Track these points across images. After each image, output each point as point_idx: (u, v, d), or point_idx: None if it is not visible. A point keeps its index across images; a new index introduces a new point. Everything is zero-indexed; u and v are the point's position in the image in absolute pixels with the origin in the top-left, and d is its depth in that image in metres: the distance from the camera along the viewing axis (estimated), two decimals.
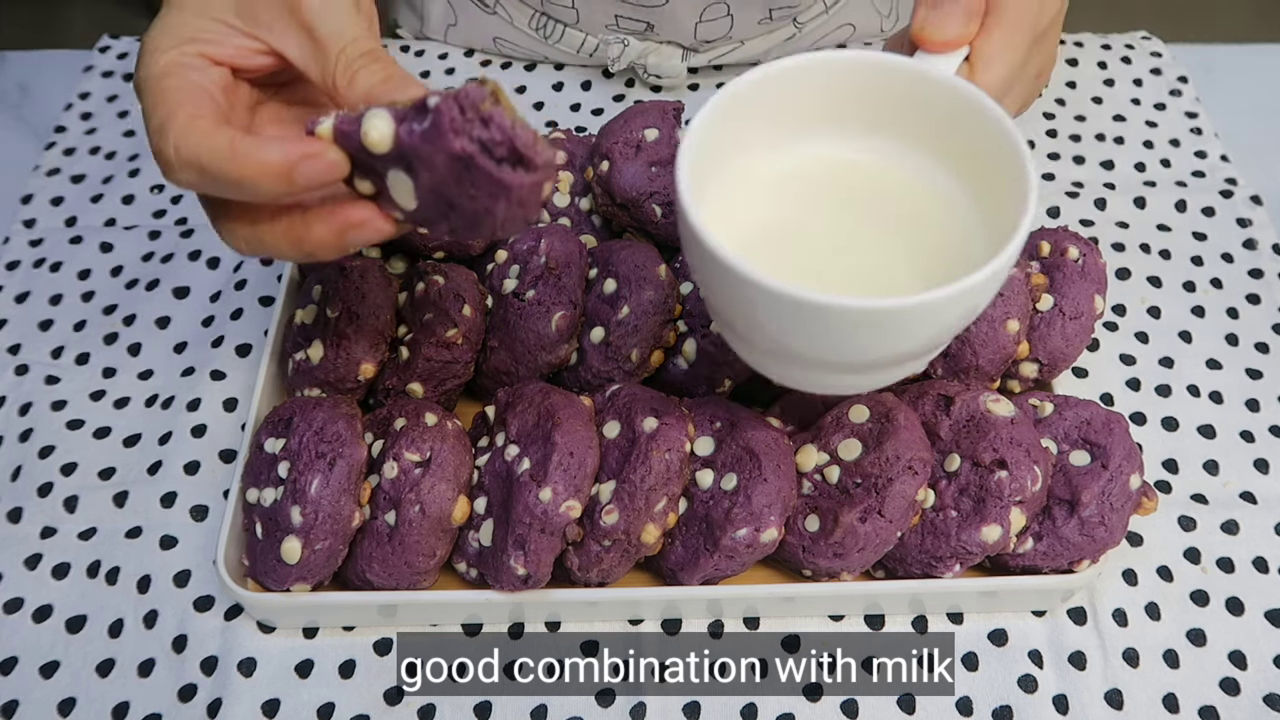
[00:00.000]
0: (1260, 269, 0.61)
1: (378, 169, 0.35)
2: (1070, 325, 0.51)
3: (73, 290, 0.61)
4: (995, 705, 0.46)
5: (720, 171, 0.41)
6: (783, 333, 0.37)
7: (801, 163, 0.43)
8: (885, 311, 0.35)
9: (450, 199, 0.35)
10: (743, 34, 0.68)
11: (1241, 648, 0.48)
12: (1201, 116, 0.69)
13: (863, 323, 0.35)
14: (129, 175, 0.67)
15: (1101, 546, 0.45)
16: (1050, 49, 0.46)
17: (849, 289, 0.35)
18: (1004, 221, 0.37)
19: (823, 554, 0.45)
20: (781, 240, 0.41)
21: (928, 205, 0.42)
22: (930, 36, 0.42)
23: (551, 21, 0.68)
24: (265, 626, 0.48)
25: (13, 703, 0.46)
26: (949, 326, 0.38)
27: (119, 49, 0.74)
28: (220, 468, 0.53)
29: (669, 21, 0.66)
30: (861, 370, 0.39)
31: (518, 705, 0.46)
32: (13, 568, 0.50)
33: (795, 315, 0.35)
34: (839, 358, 0.37)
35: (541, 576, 0.44)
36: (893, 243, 0.41)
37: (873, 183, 0.43)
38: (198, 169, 0.36)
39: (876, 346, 0.37)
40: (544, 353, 0.51)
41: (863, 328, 0.35)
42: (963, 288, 0.35)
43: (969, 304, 0.37)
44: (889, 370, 0.40)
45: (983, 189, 0.41)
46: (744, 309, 0.37)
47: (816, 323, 0.35)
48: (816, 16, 0.69)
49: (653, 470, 0.44)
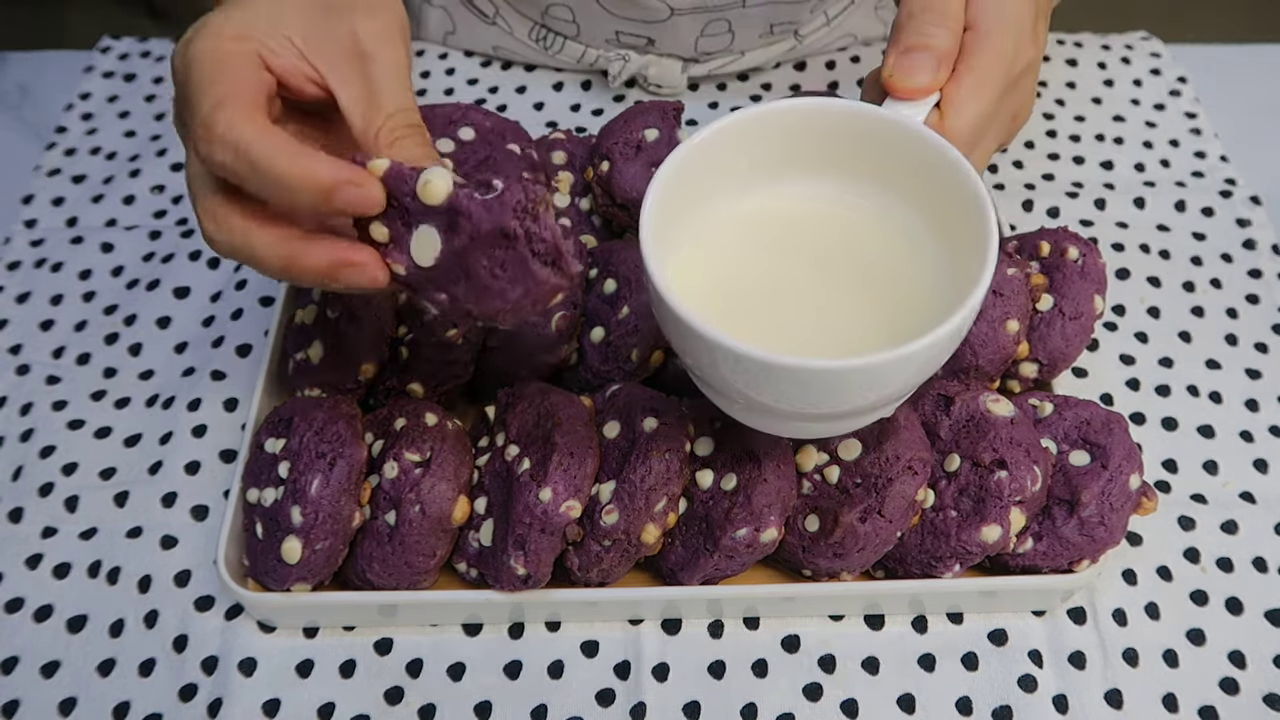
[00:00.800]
0: (1259, 269, 0.61)
1: (409, 219, 0.36)
2: (1070, 325, 0.51)
3: (73, 290, 0.61)
4: (995, 705, 0.46)
5: (688, 220, 0.41)
6: (752, 389, 0.37)
7: (769, 210, 0.43)
8: (848, 370, 0.35)
9: (470, 269, 0.36)
10: (743, 46, 0.68)
11: (1241, 647, 0.48)
12: (1201, 116, 0.69)
13: (827, 381, 0.36)
14: (130, 175, 0.67)
15: (1101, 546, 0.45)
16: (1026, 91, 0.46)
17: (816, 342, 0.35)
18: (969, 269, 0.37)
19: (823, 554, 0.45)
20: (748, 292, 0.41)
21: (896, 252, 0.42)
22: (899, 84, 0.42)
23: (551, 34, 0.68)
24: (265, 626, 0.48)
25: (14, 702, 0.46)
26: (914, 378, 0.38)
27: (119, 49, 0.74)
28: (220, 468, 0.53)
29: (670, 36, 0.66)
30: (833, 419, 0.40)
31: (518, 705, 0.46)
32: (14, 568, 0.50)
33: (762, 375, 0.36)
34: (809, 410, 0.38)
35: (541, 576, 0.44)
36: (860, 294, 0.41)
37: (841, 230, 0.43)
38: (240, 152, 0.36)
39: (843, 400, 0.37)
40: (544, 353, 0.51)
41: (828, 385, 0.36)
42: (925, 344, 0.35)
43: (931, 357, 0.37)
44: (862, 416, 0.40)
45: (948, 236, 0.41)
46: (712, 369, 0.37)
47: (782, 381, 0.36)
48: (818, 29, 0.69)
49: (653, 470, 0.44)
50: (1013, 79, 0.44)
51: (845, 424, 0.41)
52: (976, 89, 0.42)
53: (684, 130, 0.57)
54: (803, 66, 0.72)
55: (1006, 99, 0.44)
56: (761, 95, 0.70)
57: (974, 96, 0.42)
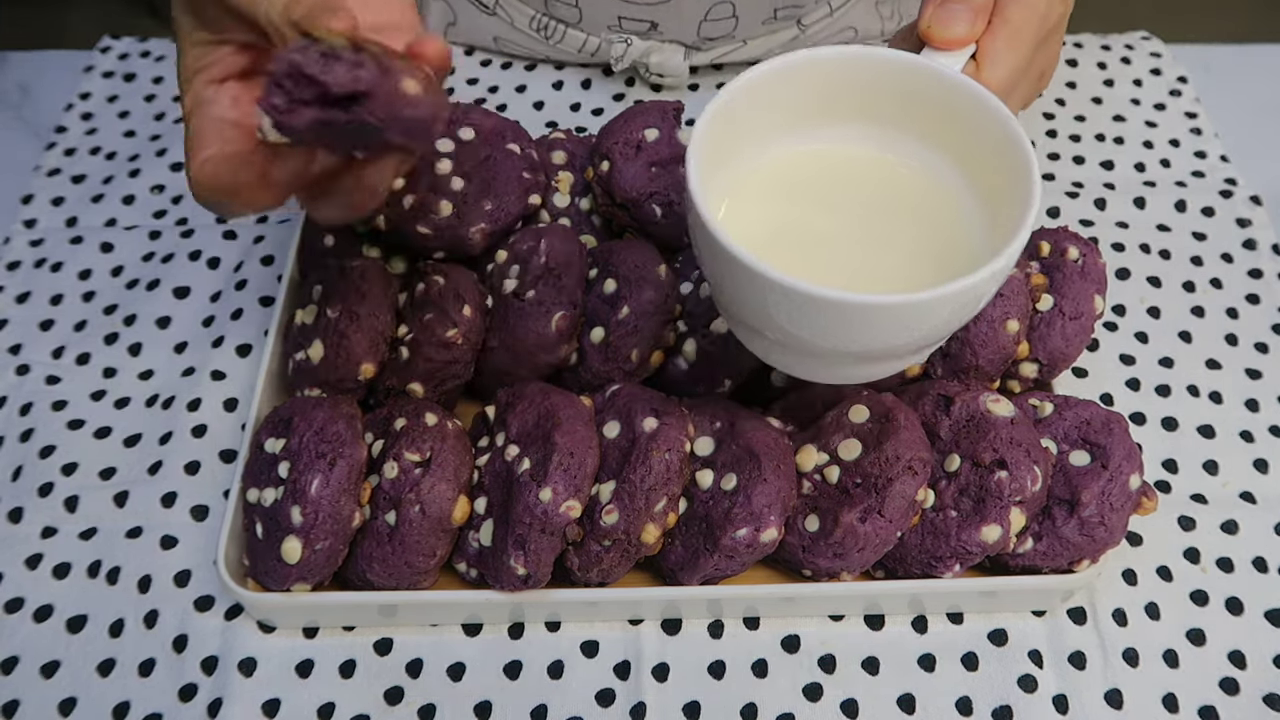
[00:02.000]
0: (1260, 269, 0.61)
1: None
2: (1070, 325, 0.51)
3: (73, 290, 0.61)
4: (995, 705, 0.46)
5: (726, 168, 0.42)
6: (793, 325, 0.37)
7: (807, 158, 0.43)
8: (892, 306, 0.35)
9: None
10: (746, 33, 0.68)
11: (1241, 648, 0.48)
12: (1201, 116, 0.69)
13: (870, 316, 0.36)
14: (129, 175, 0.67)
15: (1101, 546, 0.45)
16: (1054, 50, 0.47)
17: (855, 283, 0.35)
18: (1007, 218, 0.38)
19: (823, 554, 0.45)
20: (789, 236, 0.41)
21: (933, 200, 0.42)
22: (937, 34, 0.42)
23: (553, 22, 0.68)
24: (265, 626, 0.48)
25: (13, 702, 0.46)
26: (949, 322, 0.38)
27: (119, 49, 0.74)
28: (220, 468, 0.53)
29: (674, 19, 0.66)
30: (868, 361, 0.40)
31: (518, 705, 0.46)
32: (13, 568, 0.50)
33: (805, 309, 0.36)
34: (847, 348, 0.38)
35: (541, 576, 0.44)
36: (899, 239, 0.41)
37: (878, 178, 0.43)
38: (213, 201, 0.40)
39: (881, 337, 0.37)
40: (544, 353, 0.51)
41: (870, 320, 0.36)
42: (963, 286, 0.36)
43: (968, 301, 0.37)
44: (891, 362, 0.41)
45: (987, 186, 0.41)
46: (754, 303, 0.38)
47: (825, 316, 0.36)
48: (821, 19, 0.69)
49: (653, 470, 0.44)
50: (1045, 32, 0.44)
51: (878, 368, 0.41)
52: (1011, 41, 0.43)
53: (684, 130, 0.57)
54: None
55: (1038, 54, 0.45)
56: None
57: (1009, 49, 0.43)
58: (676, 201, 0.56)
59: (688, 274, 0.53)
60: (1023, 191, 0.38)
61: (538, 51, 0.71)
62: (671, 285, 0.51)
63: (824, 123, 0.43)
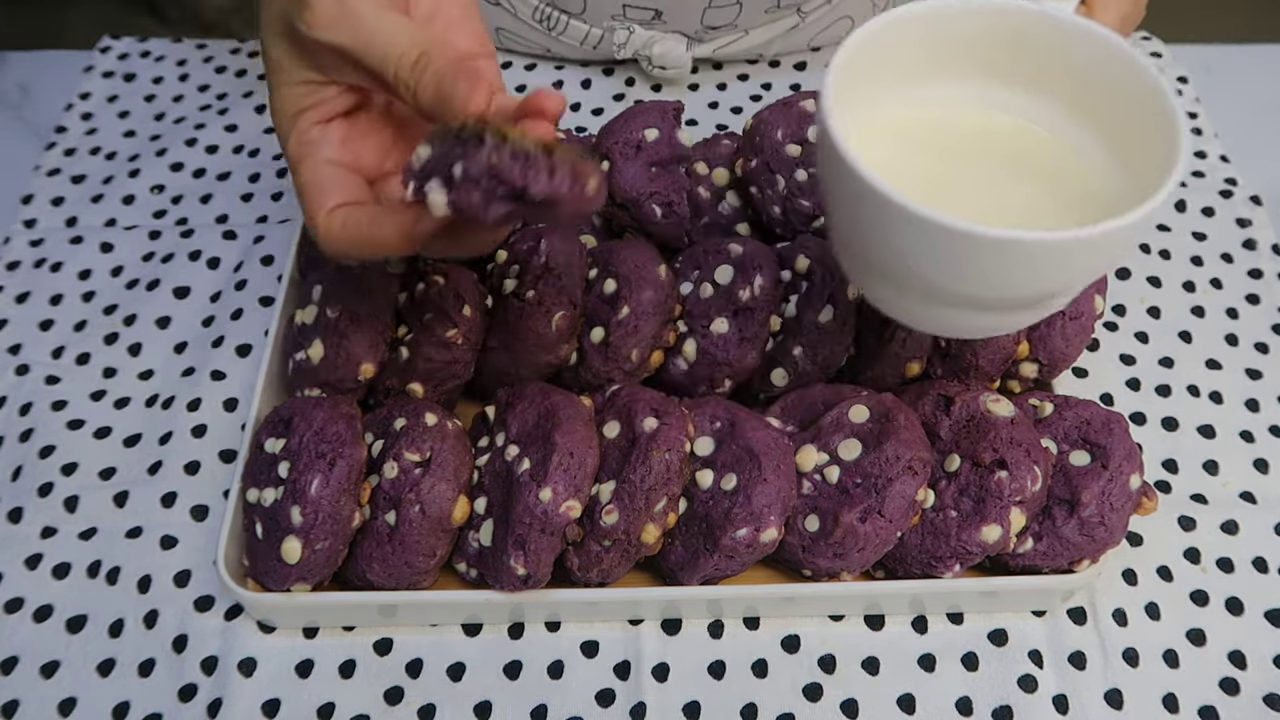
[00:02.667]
0: (1260, 269, 0.61)
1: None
2: (1070, 325, 0.51)
3: (73, 290, 0.61)
4: (995, 705, 0.46)
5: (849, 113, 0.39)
6: (922, 261, 0.36)
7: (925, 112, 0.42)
8: (1031, 243, 0.34)
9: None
10: (749, 23, 0.68)
11: (1241, 648, 0.48)
12: (1201, 116, 0.69)
13: (1005, 254, 0.34)
14: (129, 175, 0.67)
15: (1101, 546, 0.45)
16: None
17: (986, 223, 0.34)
18: (1146, 167, 0.36)
19: (823, 554, 0.45)
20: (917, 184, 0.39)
21: (1062, 155, 0.41)
22: None
23: (556, 13, 0.68)
24: (265, 626, 0.48)
25: (13, 703, 0.46)
26: (1083, 273, 0.37)
27: (119, 49, 0.74)
28: (220, 468, 0.53)
29: (678, 7, 0.66)
30: (989, 310, 0.38)
31: (518, 705, 0.46)
32: (13, 568, 0.50)
33: (937, 244, 0.35)
34: (973, 290, 0.37)
35: (541, 576, 0.44)
36: (1031, 188, 0.40)
37: (1005, 135, 0.42)
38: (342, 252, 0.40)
39: (1011, 281, 0.36)
40: (544, 353, 0.51)
41: (1003, 260, 0.35)
42: (1105, 230, 0.34)
43: (1110, 249, 0.35)
44: (1018, 313, 0.39)
45: (1119, 135, 0.39)
46: (883, 237, 0.36)
47: (958, 250, 0.35)
48: (819, 7, 0.69)
49: (653, 470, 0.44)
50: None
51: (997, 319, 0.39)
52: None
53: (683, 130, 0.57)
54: (803, 66, 0.72)
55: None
56: (762, 95, 0.70)
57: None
58: (676, 201, 0.56)
59: (688, 274, 0.53)
60: (1165, 136, 0.36)
61: (538, 45, 0.71)
62: (671, 285, 0.51)
63: (938, 78, 0.41)
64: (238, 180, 0.67)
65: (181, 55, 0.74)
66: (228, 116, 0.70)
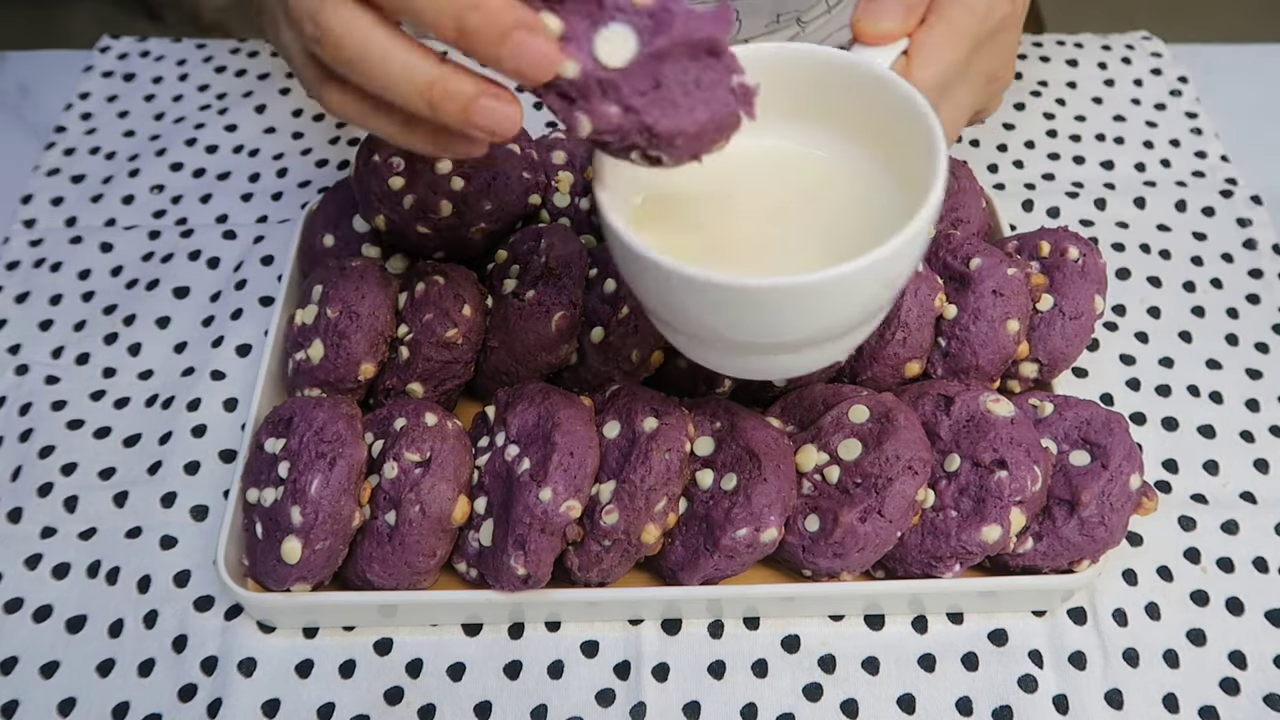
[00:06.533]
0: (1260, 269, 0.61)
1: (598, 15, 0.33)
2: (1070, 325, 0.51)
3: (73, 290, 0.61)
4: (995, 705, 0.46)
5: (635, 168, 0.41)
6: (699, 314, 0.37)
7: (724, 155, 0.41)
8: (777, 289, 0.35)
9: (664, 79, 0.33)
10: (747, 35, 0.68)
11: (1241, 648, 0.48)
12: (1201, 116, 0.69)
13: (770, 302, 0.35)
14: (129, 175, 0.67)
15: (1101, 546, 0.45)
16: (1004, 52, 0.46)
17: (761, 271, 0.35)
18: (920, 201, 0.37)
19: (823, 554, 0.45)
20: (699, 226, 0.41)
21: (850, 193, 0.42)
22: (865, 29, 0.42)
23: None
24: (265, 626, 0.48)
25: (13, 703, 0.46)
26: (860, 307, 0.38)
27: (119, 49, 0.74)
28: (220, 468, 0.53)
29: None
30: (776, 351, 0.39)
31: (518, 705, 0.46)
32: (13, 568, 0.50)
33: (708, 298, 0.36)
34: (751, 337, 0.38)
35: (541, 576, 0.44)
36: (811, 229, 0.41)
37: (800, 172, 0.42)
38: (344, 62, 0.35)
39: (777, 326, 0.37)
40: (544, 353, 0.51)
41: (771, 307, 0.36)
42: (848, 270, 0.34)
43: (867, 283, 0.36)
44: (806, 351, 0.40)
45: (907, 174, 0.40)
46: (658, 296, 0.38)
47: (722, 303, 0.36)
48: (819, 16, 0.69)
49: (653, 470, 0.44)
50: (986, 34, 0.43)
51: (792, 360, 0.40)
52: (946, 39, 0.42)
53: None
54: None
55: (980, 56, 0.44)
56: None
57: (944, 46, 0.42)
58: None
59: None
60: (929, 170, 0.37)
61: None
62: None
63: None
64: (238, 180, 0.67)
65: (181, 55, 0.74)
66: (228, 116, 0.70)
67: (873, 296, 0.38)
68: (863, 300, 0.37)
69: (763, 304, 0.36)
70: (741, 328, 0.37)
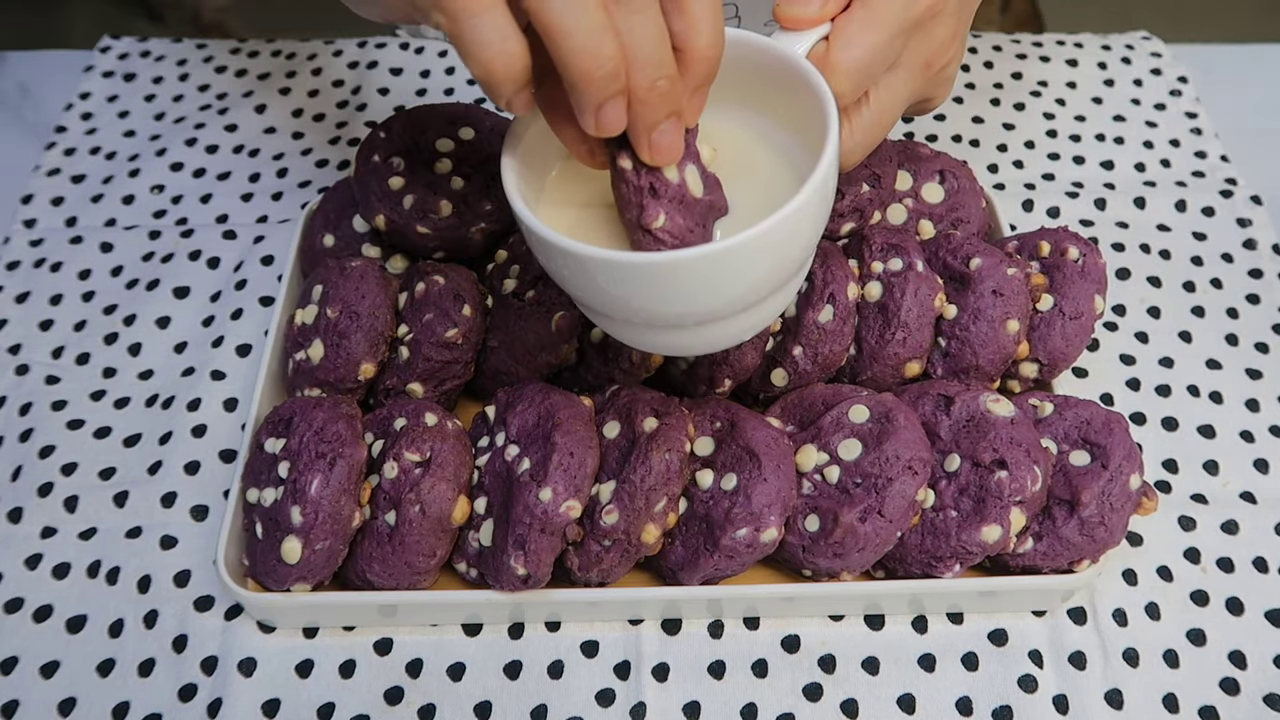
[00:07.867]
0: (1260, 269, 0.61)
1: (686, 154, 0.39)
2: (1070, 325, 0.51)
3: (73, 290, 0.61)
4: (995, 705, 0.46)
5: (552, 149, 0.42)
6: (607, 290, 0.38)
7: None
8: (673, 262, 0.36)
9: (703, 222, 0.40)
10: None
11: (1241, 648, 0.48)
12: (1201, 116, 0.69)
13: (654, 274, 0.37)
14: (129, 175, 0.67)
15: (1101, 546, 0.45)
16: (940, 39, 0.45)
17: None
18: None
19: (823, 554, 0.45)
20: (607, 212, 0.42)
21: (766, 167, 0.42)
22: (785, 13, 0.42)
23: None
24: (265, 626, 0.48)
25: (13, 703, 0.46)
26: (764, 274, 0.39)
27: (119, 49, 0.74)
28: (220, 468, 0.53)
29: None
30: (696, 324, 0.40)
31: (518, 705, 0.46)
32: (13, 568, 0.50)
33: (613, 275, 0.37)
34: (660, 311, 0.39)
35: (541, 576, 0.44)
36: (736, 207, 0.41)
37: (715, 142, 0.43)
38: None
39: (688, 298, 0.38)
40: (544, 353, 0.51)
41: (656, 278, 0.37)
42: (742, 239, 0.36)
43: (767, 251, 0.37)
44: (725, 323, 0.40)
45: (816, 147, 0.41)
46: (569, 277, 0.39)
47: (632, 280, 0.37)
48: None
49: (653, 470, 0.44)
50: (913, 21, 0.43)
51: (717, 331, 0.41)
52: (866, 23, 0.42)
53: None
54: None
55: (913, 44, 0.44)
56: None
57: (864, 31, 0.42)
58: None
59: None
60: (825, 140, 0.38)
61: None
62: None
63: None
64: (238, 180, 0.67)
65: (181, 55, 0.74)
66: (228, 116, 0.70)
67: (772, 268, 0.39)
68: (764, 271, 0.38)
69: (656, 277, 0.37)
70: (653, 301, 0.38)
